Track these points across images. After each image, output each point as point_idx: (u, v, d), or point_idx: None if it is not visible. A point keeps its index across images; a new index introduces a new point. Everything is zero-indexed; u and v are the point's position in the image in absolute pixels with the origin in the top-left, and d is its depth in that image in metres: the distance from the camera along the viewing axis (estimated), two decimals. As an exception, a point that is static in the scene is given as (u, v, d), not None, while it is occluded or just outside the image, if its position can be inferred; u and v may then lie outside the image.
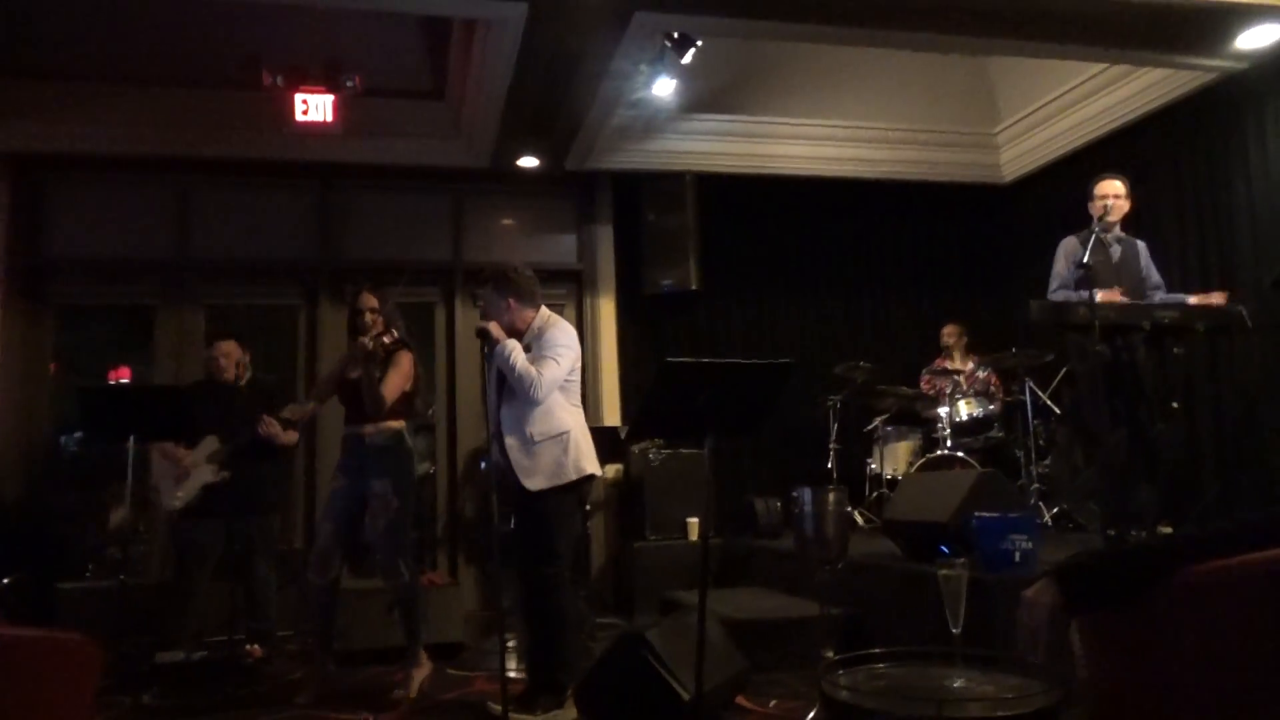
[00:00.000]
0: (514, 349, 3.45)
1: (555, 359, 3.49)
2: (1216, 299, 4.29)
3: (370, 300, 4.03)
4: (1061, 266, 4.47)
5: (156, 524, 5.29)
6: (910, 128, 6.99)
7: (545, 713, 3.41)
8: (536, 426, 3.49)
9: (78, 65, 5.75)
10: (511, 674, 3.48)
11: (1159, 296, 4.48)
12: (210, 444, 4.49)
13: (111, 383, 6.22)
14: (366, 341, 3.86)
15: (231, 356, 4.66)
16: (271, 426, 4.27)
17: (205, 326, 6.24)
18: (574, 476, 3.54)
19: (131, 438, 3.80)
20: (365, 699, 3.92)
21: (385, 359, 3.95)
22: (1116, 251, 4.52)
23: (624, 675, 3.18)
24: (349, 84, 5.44)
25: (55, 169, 6.10)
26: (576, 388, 3.68)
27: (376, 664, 4.44)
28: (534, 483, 3.46)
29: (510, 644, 3.62)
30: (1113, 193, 4.49)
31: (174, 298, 6.28)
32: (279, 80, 5.28)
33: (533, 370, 3.42)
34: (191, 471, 4.46)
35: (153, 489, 4.63)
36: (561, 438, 3.53)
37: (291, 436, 4.49)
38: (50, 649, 2.16)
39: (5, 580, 4.57)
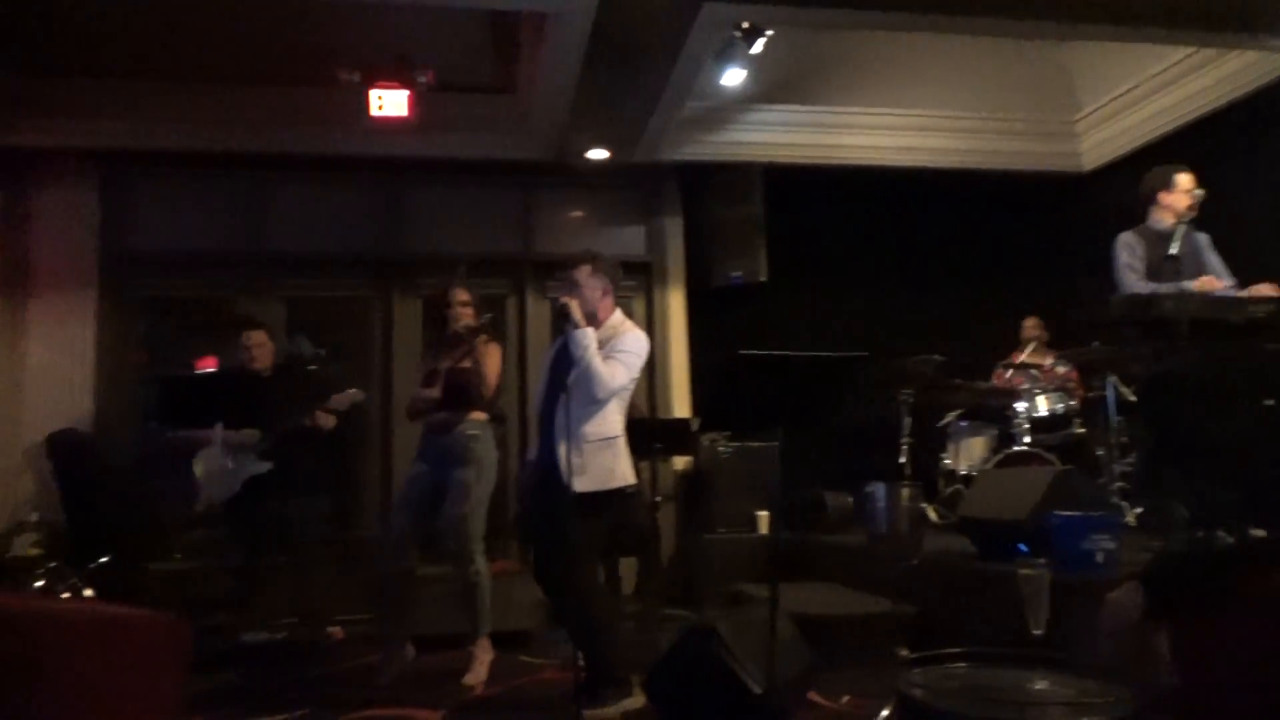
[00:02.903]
0: (593, 339, 3.38)
1: (627, 365, 3.43)
2: (1267, 290, 4.11)
3: (461, 294, 4.11)
4: (1129, 258, 4.33)
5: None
6: (984, 116, 6.84)
7: (615, 704, 3.43)
8: (592, 426, 3.41)
9: (161, 65, 5.94)
10: (583, 663, 3.52)
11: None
12: (252, 435, 4.51)
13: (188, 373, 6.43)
14: (472, 323, 3.94)
15: (265, 347, 4.69)
16: (321, 417, 4.38)
17: (285, 317, 6.43)
18: (620, 484, 3.48)
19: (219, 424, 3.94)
20: (440, 683, 3.99)
21: (472, 349, 4.03)
22: (1177, 246, 4.39)
23: (694, 667, 3.18)
24: (421, 79, 5.52)
25: (140, 165, 6.32)
26: (629, 397, 3.60)
27: (447, 649, 4.52)
28: (581, 483, 3.33)
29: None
30: (1196, 185, 4.36)
31: (253, 289, 6.47)
32: (355, 77, 5.38)
33: (605, 368, 3.37)
34: (237, 460, 4.49)
35: (197, 488, 4.68)
36: (613, 442, 3.46)
37: (329, 420, 4.54)
38: (147, 627, 2.25)
39: (102, 560, 4.76)
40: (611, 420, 3.48)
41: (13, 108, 5.83)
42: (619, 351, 3.44)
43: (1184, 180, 4.39)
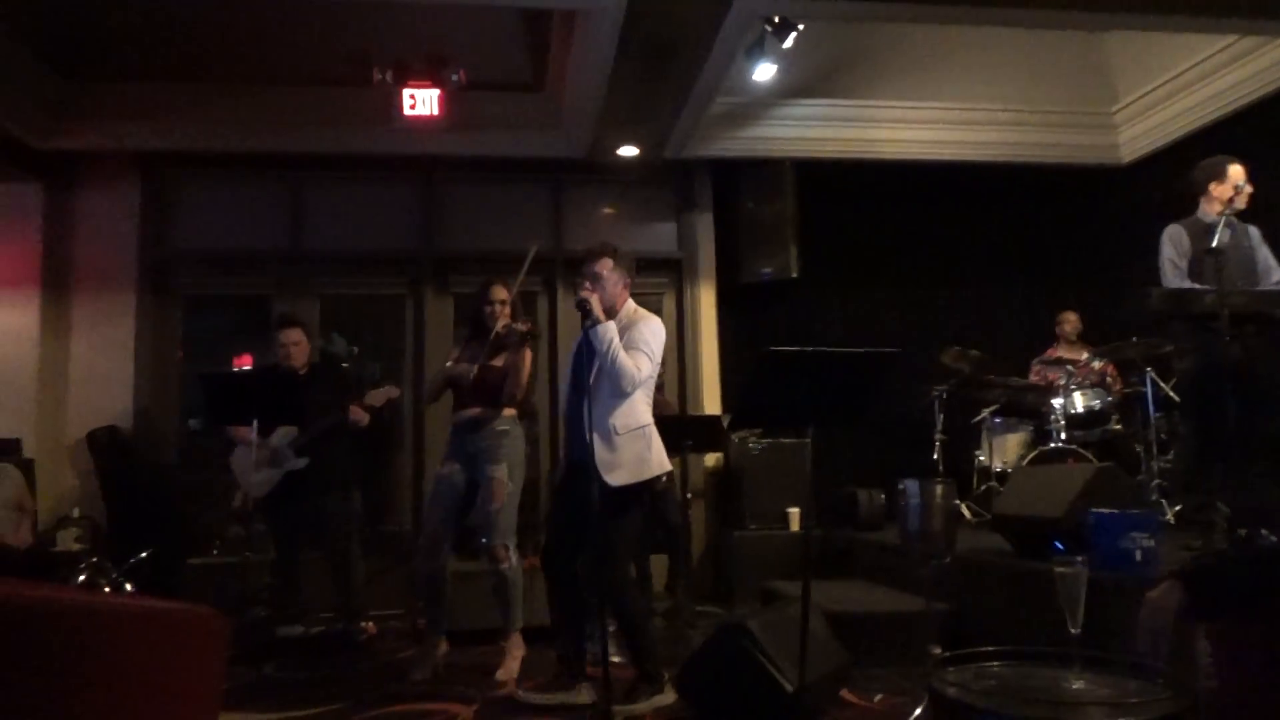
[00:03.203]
0: (615, 333, 3.38)
1: (649, 355, 3.43)
2: None
3: (501, 292, 4.12)
4: (1173, 253, 4.26)
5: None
6: (1020, 109, 6.74)
7: (647, 700, 3.44)
8: (620, 419, 3.40)
9: (199, 68, 6.04)
10: (615, 660, 3.53)
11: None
12: (288, 431, 4.59)
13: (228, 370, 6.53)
14: (520, 326, 3.94)
15: (301, 344, 4.74)
16: (356, 413, 4.43)
17: (320, 315, 6.51)
18: (656, 472, 3.49)
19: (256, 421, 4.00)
20: (472, 678, 4.02)
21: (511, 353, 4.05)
22: (1227, 236, 4.31)
23: (726, 664, 3.19)
24: (453, 78, 5.55)
25: (180, 167, 6.44)
26: (654, 385, 3.59)
27: (480, 644, 4.55)
28: (616, 477, 3.33)
29: (611, 629, 3.65)
30: (1246, 178, 4.28)
31: (290, 288, 6.56)
32: (388, 76, 5.43)
33: (630, 360, 3.37)
34: (273, 456, 4.55)
35: (233, 479, 4.79)
36: (643, 431, 3.46)
37: (364, 417, 4.57)
38: (186, 621, 2.29)
39: (142, 555, 4.85)
40: (639, 410, 3.49)
41: (56, 111, 5.96)
42: (639, 342, 3.45)
43: (1235, 172, 4.31)
